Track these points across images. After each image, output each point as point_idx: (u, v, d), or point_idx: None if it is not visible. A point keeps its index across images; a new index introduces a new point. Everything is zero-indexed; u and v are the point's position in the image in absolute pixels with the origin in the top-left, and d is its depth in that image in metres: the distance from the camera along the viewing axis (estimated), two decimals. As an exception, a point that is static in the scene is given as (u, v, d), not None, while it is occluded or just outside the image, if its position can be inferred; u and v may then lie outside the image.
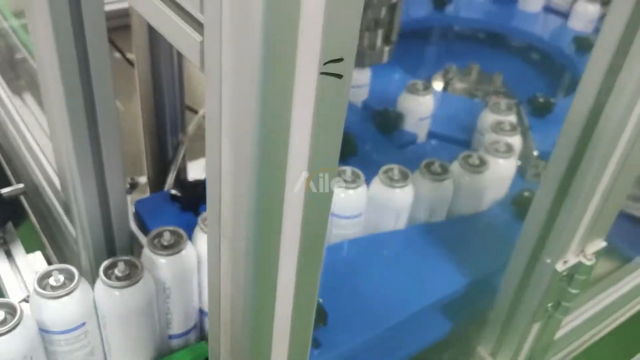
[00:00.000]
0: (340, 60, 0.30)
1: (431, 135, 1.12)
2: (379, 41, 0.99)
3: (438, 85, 1.40)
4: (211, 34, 0.30)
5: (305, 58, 0.29)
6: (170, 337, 0.76)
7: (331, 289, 0.77)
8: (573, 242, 0.69)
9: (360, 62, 1.01)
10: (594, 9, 1.50)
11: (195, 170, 1.11)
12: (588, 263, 0.71)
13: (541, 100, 1.18)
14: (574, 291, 0.73)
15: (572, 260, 0.71)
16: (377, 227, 0.89)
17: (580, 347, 0.97)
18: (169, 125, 1.02)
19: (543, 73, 1.49)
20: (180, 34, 0.32)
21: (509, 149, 0.95)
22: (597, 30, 1.35)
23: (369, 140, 1.06)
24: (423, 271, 0.82)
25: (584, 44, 1.43)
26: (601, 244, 0.73)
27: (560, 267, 0.70)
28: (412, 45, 1.56)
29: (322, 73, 0.30)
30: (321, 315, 0.71)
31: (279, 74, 0.29)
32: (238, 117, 0.31)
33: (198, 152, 1.17)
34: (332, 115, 0.33)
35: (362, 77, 1.15)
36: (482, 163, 0.92)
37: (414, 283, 0.80)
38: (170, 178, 1.03)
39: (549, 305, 0.74)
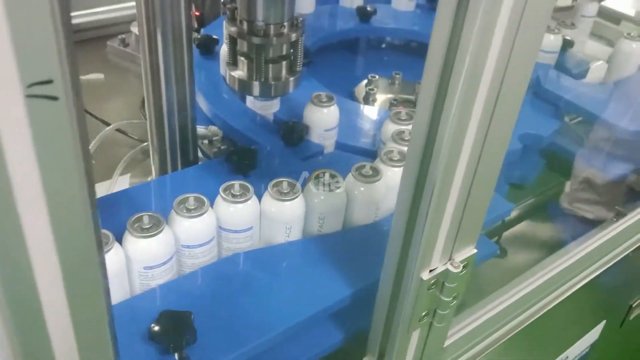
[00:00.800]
0: (49, 82, 0.30)
1: (339, 146, 1.12)
2: (283, 73, 1.01)
3: (360, 95, 1.41)
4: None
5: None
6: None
7: (208, 305, 0.77)
8: (436, 250, 0.69)
9: (267, 93, 1.03)
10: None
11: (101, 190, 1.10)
12: (455, 271, 0.71)
13: (451, 108, 1.19)
14: (446, 299, 0.73)
15: (439, 268, 0.71)
16: (270, 240, 0.89)
17: (485, 350, 0.97)
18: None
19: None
20: None
21: (403, 157, 0.96)
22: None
23: (275, 152, 1.07)
24: (308, 283, 0.82)
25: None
26: (471, 251, 0.74)
27: (426, 275, 0.70)
28: (338, 58, 1.57)
29: (28, 96, 0.30)
30: (190, 333, 0.70)
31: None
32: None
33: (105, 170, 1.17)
34: (62, 145, 0.32)
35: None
36: (375, 173, 0.92)
37: (298, 295, 0.80)
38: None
39: (423, 314, 0.74)
